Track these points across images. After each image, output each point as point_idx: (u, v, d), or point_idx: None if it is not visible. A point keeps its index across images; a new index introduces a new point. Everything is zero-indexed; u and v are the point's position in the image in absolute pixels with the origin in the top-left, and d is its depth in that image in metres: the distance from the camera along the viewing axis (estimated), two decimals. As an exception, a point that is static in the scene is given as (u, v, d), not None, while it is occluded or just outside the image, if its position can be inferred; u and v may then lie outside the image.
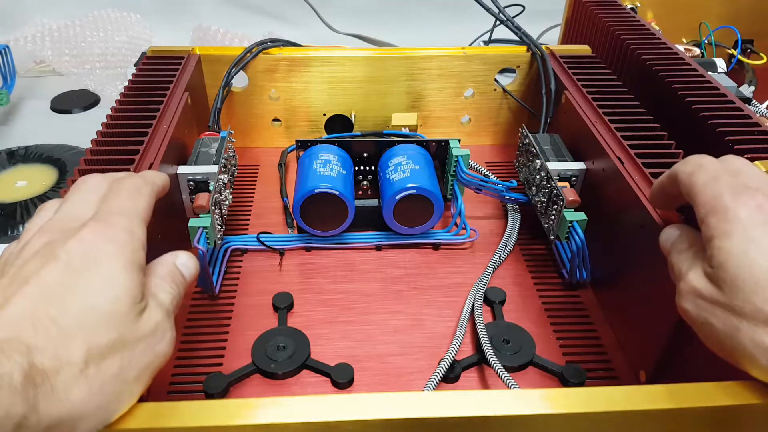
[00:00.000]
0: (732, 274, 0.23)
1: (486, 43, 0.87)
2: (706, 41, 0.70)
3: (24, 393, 0.18)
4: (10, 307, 0.21)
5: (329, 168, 0.44)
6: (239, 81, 0.56)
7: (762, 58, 0.69)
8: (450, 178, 0.48)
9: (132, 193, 0.28)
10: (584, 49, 0.56)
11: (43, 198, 0.55)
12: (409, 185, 0.43)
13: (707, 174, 0.26)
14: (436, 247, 0.47)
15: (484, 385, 0.37)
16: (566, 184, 0.43)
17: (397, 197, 0.44)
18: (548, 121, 0.51)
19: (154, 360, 0.24)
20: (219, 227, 0.42)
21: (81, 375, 0.20)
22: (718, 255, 0.24)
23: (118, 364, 0.22)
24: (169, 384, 0.36)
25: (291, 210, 0.45)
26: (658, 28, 0.60)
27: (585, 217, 0.40)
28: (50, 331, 0.20)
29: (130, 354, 0.22)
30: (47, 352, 0.20)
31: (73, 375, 0.20)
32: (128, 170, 0.36)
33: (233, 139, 0.50)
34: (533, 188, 0.47)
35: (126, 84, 0.47)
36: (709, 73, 0.52)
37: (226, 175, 0.45)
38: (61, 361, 0.20)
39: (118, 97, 0.45)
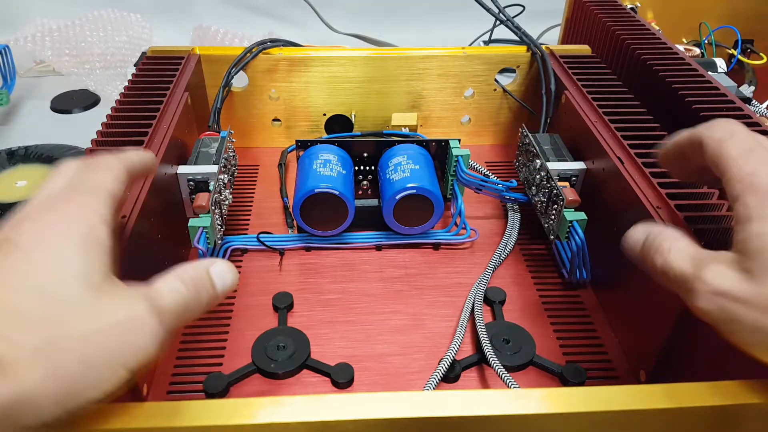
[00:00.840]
0: None
1: (486, 43, 0.87)
2: (706, 41, 0.70)
3: None
4: None
5: (329, 168, 0.44)
6: (239, 81, 0.56)
7: (762, 58, 0.69)
8: (450, 178, 0.48)
9: (98, 169, 0.26)
10: (584, 49, 0.56)
11: (43, 198, 0.55)
12: (409, 185, 0.43)
13: (741, 144, 0.24)
14: (436, 247, 0.47)
15: (484, 385, 0.37)
16: (566, 183, 0.43)
17: (397, 197, 0.44)
18: (548, 121, 0.51)
19: (131, 352, 0.22)
20: (219, 227, 0.42)
21: (35, 357, 0.20)
22: (756, 240, 0.22)
23: (80, 348, 0.21)
24: (169, 384, 0.36)
25: (291, 210, 0.45)
26: (658, 28, 0.60)
27: (585, 217, 0.40)
28: (2, 316, 0.20)
29: (96, 339, 0.21)
30: None
31: (26, 357, 0.20)
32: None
33: (233, 139, 0.50)
34: (533, 188, 0.47)
35: (126, 84, 0.47)
36: (709, 73, 0.52)
37: (226, 175, 0.45)
38: (12, 343, 0.20)
39: (118, 97, 0.45)
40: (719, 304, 0.23)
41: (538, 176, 0.45)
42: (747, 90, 0.65)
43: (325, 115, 0.58)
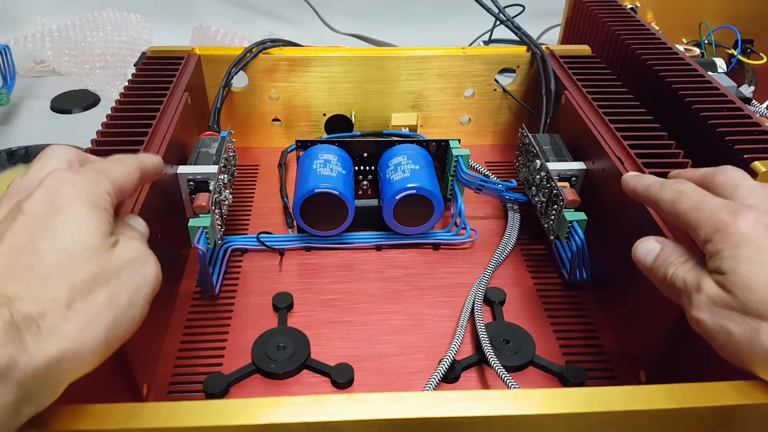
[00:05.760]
0: (745, 277, 0.23)
1: (486, 43, 0.87)
2: (706, 41, 0.70)
3: (8, 338, 0.19)
4: None
5: (329, 168, 0.44)
6: (239, 81, 0.56)
7: (762, 58, 0.69)
8: (450, 178, 0.48)
9: (112, 160, 0.28)
10: (584, 49, 0.56)
11: (43, 198, 0.55)
12: (409, 185, 0.43)
13: (691, 199, 0.27)
14: (436, 247, 0.47)
15: (484, 385, 0.37)
16: (566, 184, 0.43)
17: (397, 197, 0.44)
18: (548, 121, 0.51)
19: (144, 282, 0.25)
20: (219, 227, 0.42)
21: (69, 311, 0.21)
22: (728, 262, 0.24)
23: (106, 293, 0.23)
24: (169, 384, 0.36)
25: (291, 210, 0.45)
26: (658, 28, 0.60)
27: (585, 217, 0.40)
28: (27, 279, 0.21)
29: (116, 282, 0.23)
30: (28, 298, 0.21)
31: (59, 313, 0.21)
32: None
33: (233, 139, 0.50)
34: (533, 188, 0.47)
35: (126, 84, 0.47)
36: (709, 73, 0.52)
37: (226, 175, 0.45)
38: (43, 303, 0.21)
39: (118, 97, 0.45)
40: (712, 312, 0.25)
41: (538, 176, 0.45)
42: (747, 90, 0.65)
43: (325, 115, 0.58)
